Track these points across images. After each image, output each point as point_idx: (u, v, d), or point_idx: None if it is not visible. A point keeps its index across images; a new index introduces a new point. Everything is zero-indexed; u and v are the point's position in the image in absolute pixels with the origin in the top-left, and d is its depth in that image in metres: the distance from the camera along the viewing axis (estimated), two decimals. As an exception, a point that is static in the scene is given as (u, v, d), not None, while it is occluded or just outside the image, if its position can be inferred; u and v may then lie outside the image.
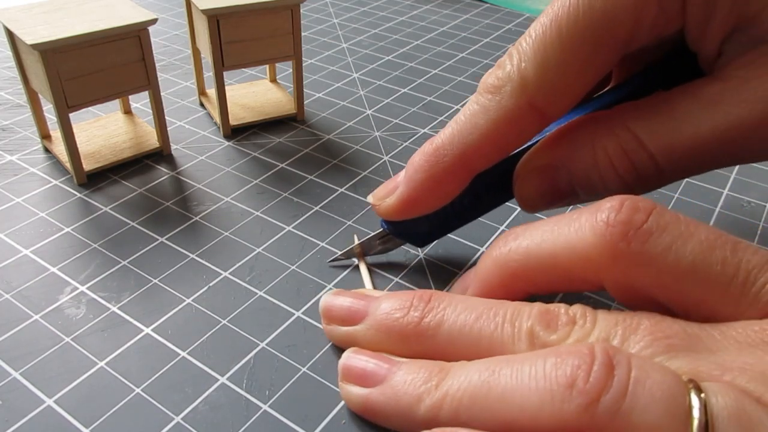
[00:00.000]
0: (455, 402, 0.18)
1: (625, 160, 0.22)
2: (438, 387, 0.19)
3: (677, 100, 0.21)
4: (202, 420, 0.21)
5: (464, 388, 0.18)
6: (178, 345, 0.24)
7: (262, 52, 0.36)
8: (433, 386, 0.19)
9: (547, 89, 0.22)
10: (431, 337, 0.20)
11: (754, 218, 0.32)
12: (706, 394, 0.15)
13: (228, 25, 0.34)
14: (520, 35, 0.53)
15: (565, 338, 0.18)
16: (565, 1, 0.21)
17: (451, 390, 0.18)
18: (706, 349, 0.17)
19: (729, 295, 0.17)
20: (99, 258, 0.28)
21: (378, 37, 0.53)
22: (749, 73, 0.20)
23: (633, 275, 0.18)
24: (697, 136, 0.21)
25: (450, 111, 0.41)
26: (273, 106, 0.40)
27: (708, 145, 0.21)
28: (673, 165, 0.21)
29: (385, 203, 0.25)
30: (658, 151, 0.21)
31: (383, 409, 0.20)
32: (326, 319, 0.24)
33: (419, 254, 0.29)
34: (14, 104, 0.41)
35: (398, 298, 0.22)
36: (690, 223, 0.18)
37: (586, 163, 0.22)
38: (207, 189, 0.33)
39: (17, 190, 0.32)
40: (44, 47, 0.29)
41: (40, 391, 0.22)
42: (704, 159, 0.21)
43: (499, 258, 0.21)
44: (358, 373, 0.21)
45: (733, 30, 0.21)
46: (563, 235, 0.20)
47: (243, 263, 0.28)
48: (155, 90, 0.34)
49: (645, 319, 0.18)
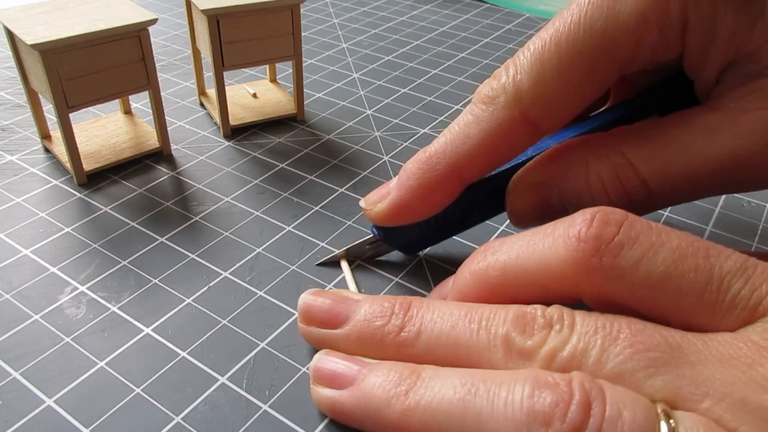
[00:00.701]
0: (428, 414, 0.18)
1: (617, 185, 0.22)
2: (409, 392, 0.18)
3: (672, 128, 0.22)
4: (202, 420, 0.21)
5: (438, 401, 0.18)
6: (178, 345, 0.24)
7: (262, 52, 0.36)
8: (403, 391, 0.19)
9: (542, 103, 0.22)
10: (410, 346, 0.20)
11: (754, 218, 0.32)
12: (676, 426, 0.15)
13: (228, 25, 0.34)
14: (520, 35, 0.53)
15: (541, 345, 0.18)
16: (567, 19, 0.21)
17: (424, 400, 0.18)
18: (688, 362, 0.16)
19: (704, 303, 0.17)
20: (99, 258, 0.28)
21: (378, 37, 0.53)
22: (745, 105, 0.20)
23: (608, 289, 0.18)
24: (690, 165, 0.21)
25: (450, 111, 0.41)
26: (273, 106, 0.40)
27: (701, 175, 0.21)
28: (665, 191, 0.22)
29: (376, 209, 0.25)
30: (650, 178, 0.22)
31: (352, 412, 0.20)
32: (305, 319, 0.23)
33: (419, 254, 0.29)
34: (14, 104, 0.41)
35: (379, 304, 0.22)
36: (662, 231, 0.18)
37: (578, 184, 0.23)
38: (207, 189, 0.33)
39: (17, 190, 0.32)
40: (44, 47, 0.29)
41: (40, 391, 0.22)
42: (696, 188, 0.22)
43: (477, 272, 0.21)
44: (329, 374, 0.21)
45: (731, 62, 0.21)
46: (538, 251, 0.19)
47: (243, 263, 0.28)
48: (155, 90, 0.34)
49: (625, 326, 0.17)
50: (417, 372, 0.19)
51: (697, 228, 0.31)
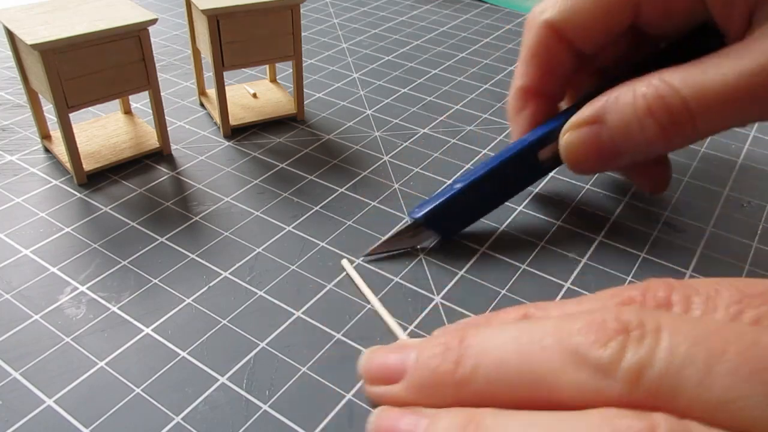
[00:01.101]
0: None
1: (660, 104, 0.25)
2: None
3: (707, 58, 0.25)
4: (202, 420, 0.21)
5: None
6: (178, 345, 0.24)
7: (262, 52, 0.36)
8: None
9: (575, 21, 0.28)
10: (470, 383, 0.18)
11: (754, 218, 0.32)
12: None
13: (228, 25, 0.34)
14: (520, 35, 0.53)
15: (620, 357, 0.14)
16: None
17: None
18: None
19: None
20: (99, 258, 0.28)
21: (378, 37, 0.53)
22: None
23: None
24: (725, 80, 0.23)
25: (450, 111, 0.41)
26: (273, 106, 0.40)
27: (736, 91, 0.23)
28: (704, 110, 0.24)
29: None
30: (690, 95, 0.24)
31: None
32: (367, 380, 0.21)
33: (419, 254, 0.29)
34: (14, 104, 0.41)
35: (432, 344, 0.19)
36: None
37: (626, 109, 0.26)
38: (207, 189, 0.33)
39: (17, 190, 0.32)
40: (44, 47, 0.29)
41: (40, 391, 0.22)
42: (733, 106, 0.24)
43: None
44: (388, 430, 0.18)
45: (759, 1, 0.23)
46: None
47: (243, 263, 0.28)
48: (155, 90, 0.34)
49: (729, 332, 0.14)
50: (476, 420, 0.16)
51: (697, 228, 0.31)
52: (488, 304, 0.26)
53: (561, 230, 0.30)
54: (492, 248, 0.29)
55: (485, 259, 0.28)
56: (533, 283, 0.27)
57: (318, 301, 0.26)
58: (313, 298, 0.26)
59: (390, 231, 0.29)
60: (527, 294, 0.27)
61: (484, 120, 0.40)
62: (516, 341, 0.17)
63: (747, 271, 0.28)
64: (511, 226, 0.31)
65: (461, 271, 0.28)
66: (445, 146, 0.37)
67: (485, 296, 0.26)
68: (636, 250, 0.29)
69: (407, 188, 0.33)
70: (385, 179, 0.34)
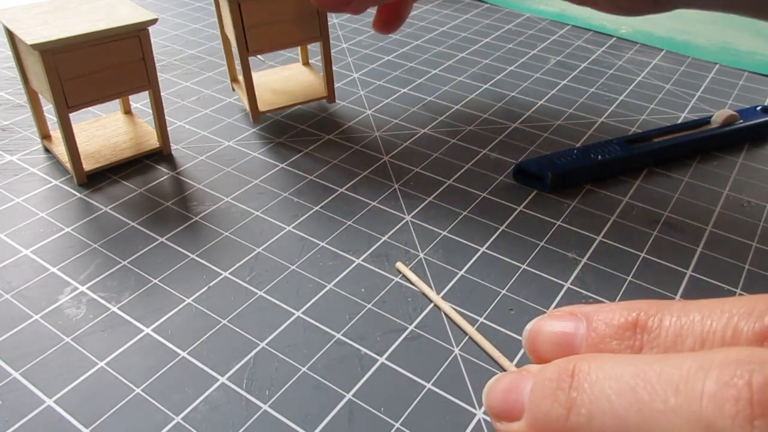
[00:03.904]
0: None
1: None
2: None
3: None
4: (202, 420, 0.21)
5: None
6: (178, 345, 0.24)
7: (288, 34, 0.36)
8: None
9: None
10: (587, 424, 0.15)
11: (754, 218, 0.32)
12: None
13: (250, 9, 0.34)
14: (520, 35, 0.53)
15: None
16: None
17: None
18: None
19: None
20: (99, 258, 0.28)
21: (378, 37, 0.52)
22: None
23: None
24: None
25: (450, 111, 0.41)
26: (303, 90, 0.40)
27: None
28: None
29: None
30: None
31: None
32: (493, 416, 0.18)
33: (419, 254, 0.29)
34: (14, 104, 0.41)
35: (543, 375, 0.16)
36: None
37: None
38: (207, 189, 0.33)
39: (17, 190, 0.32)
40: (44, 47, 0.29)
41: (40, 391, 0.22)
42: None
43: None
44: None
45: None
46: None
47: (243, 263, 0.28)
48: (155, 90, 0.34)
49: None
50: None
51: (697, 228, 0.31)
52: (488, 304, 0.26)
53: (561, 230, 0.30)
54: (492, 248, 0.29)
55: (485, 259, 0.28)
56: (533, 283, 0.27)
57: (318, 301, 0.26)
58: (313, 298, 0.26)
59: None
60: (527, 294, 0.27)
61: (484, 120, 0.40)
62: (635, 394, 0.14)
63: (747, 271, 0.28)
64: (511, 226, 0.31)
65: (461, 271, 0.28)
66: (445, 146, 0.37)
67: (485, 296, 0.26)
68: (636, 250, 0.29)
69: (407, 188, 0.33)
70: (385, 179, 0.34)
